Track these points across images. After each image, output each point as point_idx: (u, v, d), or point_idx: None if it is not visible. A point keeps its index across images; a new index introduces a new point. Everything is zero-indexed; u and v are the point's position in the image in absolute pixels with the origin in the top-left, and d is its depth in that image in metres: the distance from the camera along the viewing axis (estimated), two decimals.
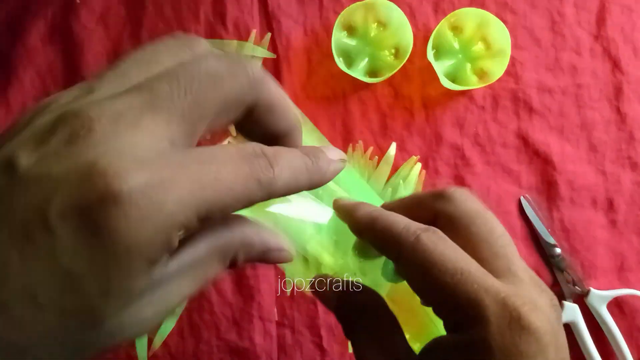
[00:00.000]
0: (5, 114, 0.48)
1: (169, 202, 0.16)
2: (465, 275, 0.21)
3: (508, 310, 0.20)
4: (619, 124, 0.48)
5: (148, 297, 0.18)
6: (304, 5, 0.50)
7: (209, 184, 0.17)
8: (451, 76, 0.48)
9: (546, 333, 0.20)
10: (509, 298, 0.20)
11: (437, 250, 0.22)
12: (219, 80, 0.18)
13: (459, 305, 0.21)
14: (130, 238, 0.15)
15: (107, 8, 0.50)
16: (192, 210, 0.16)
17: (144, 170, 0.15)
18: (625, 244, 0.47)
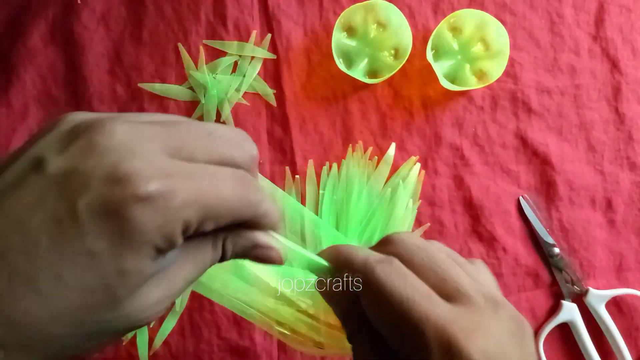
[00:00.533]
0: (6, 114, 0.48)
1: (177, 201, 0.19)
2: (410, 303, 0.22)
3: (446, 338, 0.21)
4: (617, 124, 0.49)
5: (155, 281, 0.21)
6: (304, 6, 0.50)
7: (210, 193, 0.20)
8: (450, 77, 0.48)
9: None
10: (447, 325, 0.21)
11: (388, 282, 0.23)
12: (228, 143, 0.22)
13: (405, 333, 0.22)
14: (143, 226, 0.18)
15: (108, 8, 0.50)
16: (193, 211, 0.19)
17: (160, 177, 0.19)
18: (623, 244, 0.47)
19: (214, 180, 0.20)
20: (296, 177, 0.48)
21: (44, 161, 0.19)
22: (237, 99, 0.49)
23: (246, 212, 0.22)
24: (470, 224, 0.47)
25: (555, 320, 0.45)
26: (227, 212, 0.21)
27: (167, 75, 0.49)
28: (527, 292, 0.47)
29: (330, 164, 0.48)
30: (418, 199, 0.48)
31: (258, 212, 0.22)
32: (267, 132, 0.49)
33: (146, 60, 0.49)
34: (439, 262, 0.24)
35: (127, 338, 0.45)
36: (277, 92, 0.49)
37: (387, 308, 0.23)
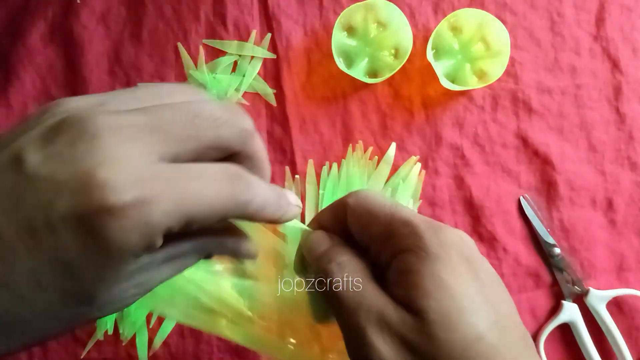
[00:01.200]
0: (6, 113, 0.48)
1: (155, 215, 0.18)
2: (398, 207, 0.26)
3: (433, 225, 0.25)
4: (618, 124, 0.49)
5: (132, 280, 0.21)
6: (304, 5, 0.50)
7: (193, 199, 0.19)
8: (451, 76, 0.48)
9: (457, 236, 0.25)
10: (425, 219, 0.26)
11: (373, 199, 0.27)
12: (217, 123, 0.21)
13: (397, 228, 0.25)
14: (121, 241, 0.18)
15: (108, 8, 0.50)
16: (175, 220, 0.19)
17: (136, 185, 0.18)
18: (624, 244, 0.47)
19: (198, 182, 0.19)
20: (296, 177, 0.48)
21: (23, 159, 0.18)
22: (237, 99, 0.49)
23: (234, 213, 0.21)
24: (471, 224, 0.47)
25: (556, 320, 0.45)
26: (212, 215, 0.20)
27: (166, 75, 0.49)
28: (527, 292, 0.46)
29: (330, 164, 0.48)
30: (418, 199, 0.48)
31: (247, 211, 0.22)
32: (267, 132, 0.49)
33: (146, 59, 0.49)
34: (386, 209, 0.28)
35: (126, 339, 0.45)
36: (277, 91, 0.49)
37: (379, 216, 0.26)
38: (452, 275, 0.23)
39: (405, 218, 0.25)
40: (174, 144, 0.20)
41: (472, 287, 0.24)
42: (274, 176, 0.48)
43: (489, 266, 0.26)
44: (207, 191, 0.20)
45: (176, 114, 0.20)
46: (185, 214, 0.19)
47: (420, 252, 0.24)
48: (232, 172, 0.21)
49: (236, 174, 0.21)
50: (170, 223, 0.19)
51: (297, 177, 0.48)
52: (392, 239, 0.25)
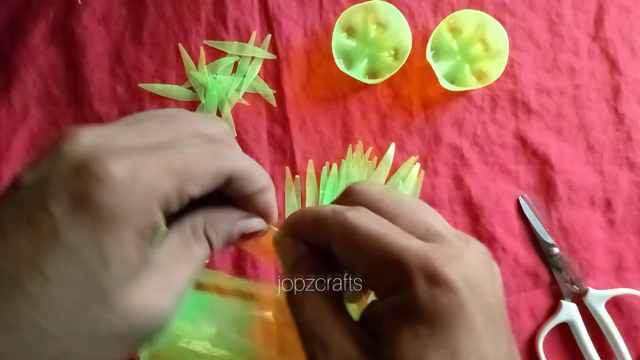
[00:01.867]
0: (7, 114, 0.48)
1: (143, 176, 0.19)
2: (388, 238, 0.22)
3: (430, 265, 0.21)
4: (616, 124, 0.49)
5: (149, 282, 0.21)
6: (304, 6, 0.50)
7: (176, 159, 0.20)
8: (450, 77, 0.48)
9: (463, 287, 0.20)
10: (429, 254, 0.21)
11: (362, 223, 0.23)
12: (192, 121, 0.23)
13: (385, 268, 0.22)
14: (114, 207, 0.19)
15: (109, 9, 0.50)
16: (167, 181, 0.20)
17: (120, 158, 0.19)
18: (623, 244, 0.47)
19: (178, 148, 0.21)
20: (296, 177, 0.48)
21: (19, 178, 0.20)
22: (237, 99, 0.49)
23: (225, 167, 0.22)
24: (470, 224, 0.47)
25: (555, 320, 0.45)
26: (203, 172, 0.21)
27: (167, 76, 0.49)
28: (526, 292, 0.47)
29: (330, 164, 0.48)
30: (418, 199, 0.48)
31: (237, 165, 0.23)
32: (267, 132, 0.49)
33: (146, 60, 0.49)
34: (405, 207, 0.24)
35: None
36: (277, 92, 0.49)
37: (364, 248, 0.22)
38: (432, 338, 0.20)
39: (396, 256, 0.21)
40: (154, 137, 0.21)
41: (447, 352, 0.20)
42: (274, 176, 0.48)
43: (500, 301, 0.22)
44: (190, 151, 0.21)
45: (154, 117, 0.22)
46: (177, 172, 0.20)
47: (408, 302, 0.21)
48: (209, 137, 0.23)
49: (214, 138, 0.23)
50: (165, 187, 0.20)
51: (297, 177, 0.48)
52: (382, 279, 0.22)
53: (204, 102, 0.48)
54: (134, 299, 0.20)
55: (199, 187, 0.21)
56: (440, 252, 0.21)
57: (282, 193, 0.48)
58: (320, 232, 0.25)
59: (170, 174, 0.20)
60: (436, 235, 0.23)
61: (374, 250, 0.22)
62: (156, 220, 0.20)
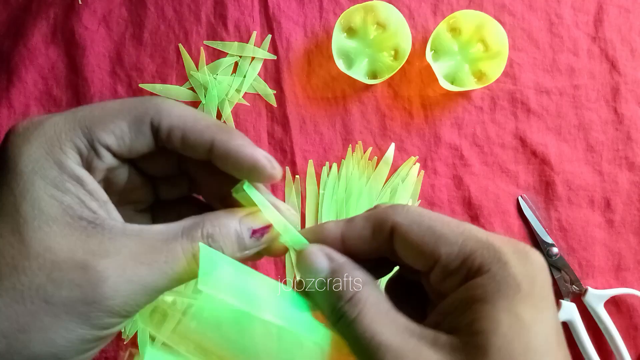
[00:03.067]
0: (7, 114, 0.48)
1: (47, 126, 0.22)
2: (468, 225, 0.23)
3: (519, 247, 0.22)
4: (616, 124, 0.49)
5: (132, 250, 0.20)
6: (304, 7, 0.50)
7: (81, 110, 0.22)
8: (450, 77, 0.48)
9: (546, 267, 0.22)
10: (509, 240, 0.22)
11: (432, 212, 0.23)
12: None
13: (473, 251, 0.21)
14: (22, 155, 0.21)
15: (109, 9, 0.50)
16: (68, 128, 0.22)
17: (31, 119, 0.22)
18: (622, 244, 0.47)
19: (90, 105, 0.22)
20: (296, 177, 0.48)
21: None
22: (237, 100, 0.49)
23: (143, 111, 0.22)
24: (470, 223, 0.47)
25: None
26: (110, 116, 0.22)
27: (168, 76, 0.49)
28: None
29: (330, 164, 0.48)
30: (417, 199, 0.48)
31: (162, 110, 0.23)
32: (267, 132, 0.49)
33: (147, 60, 0.49)
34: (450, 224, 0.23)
35: (128, 337, 0.45)
36: (278, 92, 0.49)
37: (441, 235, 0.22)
38: (533, 314, 0.20)
39: (485, 239, 0.22)
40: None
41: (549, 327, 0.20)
42: None
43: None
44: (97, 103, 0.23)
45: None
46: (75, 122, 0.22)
47: (501, 280, 0.20)
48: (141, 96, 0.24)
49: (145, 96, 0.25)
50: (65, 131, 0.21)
51: (297, 177, 0.48)
52: (465, 263, 0.22)
53: (204, 103, 0.49)
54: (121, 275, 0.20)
55: (113, 134, 0.22)
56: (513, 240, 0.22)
57: (282, 193, 0.48)
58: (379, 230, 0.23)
59: (71, 123, 0.21)
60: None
61: (456, 234, 0.22)
62: (65, 166, 0.21)
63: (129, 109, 0.22)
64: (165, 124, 0.22)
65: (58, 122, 0.21)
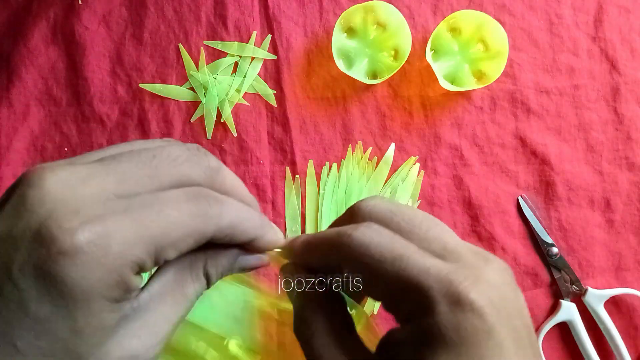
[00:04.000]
0: (7, 114, 0.48)
1: (115, 245, 0.18)
2: (404, 260, 0.20)
3: (453, 288, 0.19)
4: (616, 124, 0.49)
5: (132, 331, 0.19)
6: (304, 7, 0.50)
7: (155, 223, 0.19)
8: (450, 77, 0.48)
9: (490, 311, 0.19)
10: (451, 275, 0.19)
11: (373, 242, 0.21)
12: (177, 162, 0.21)
13: (404, 292, 0.20)
14: (84, 282, 0.17)
15: (109, 9, 0.50)
16: (140, 249, 0.18)
17: (89, 222, 0.17)
18: (622, 244, 0.47)
19: (157, 207, 0.19)
20: (296, 177, 0.48)
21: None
22: (237, 100, 0.49)
23: (208, 229, 0.20)
24: (470, 223, 0.48)
25: (554, 319, 0.45)
26: (183, 236, 0.19)
27: (168, 76, 0.49)
28: (526, 291, 0.47)
29: (330, 164, 0.48)
30: (417, 199, 0.48)
31: (221, 224, 0.21)
32: (267, 132, 0.49)
33: (147, 60, 0.49)
34: (417, 223, 0.22)
35: None
36: (278, 92, 0.49)
37: (378, 272, 0.21)
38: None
39: (415, 278, 0.20)
40: (132, 183, 0.19)
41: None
42: (275, 176, 0.48)
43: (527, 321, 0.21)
44: (171, 212, 0.19)
45: (133, 157, 0.20)
46: (152, 239, 0.18)
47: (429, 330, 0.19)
48: (193, 191, 0.20)
49: (198, 192, 0.20)
50: (137, 254, 0.18)
51: (297, 177, 0.48)
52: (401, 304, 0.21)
53: (204, 102, 0.49)
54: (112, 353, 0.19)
55: (178, 251, 0.20)
56: (462, 273, 0.20)
57: (282, 193, 0.48)
58: (329, 259, 0.23)
59: (146, 240, 0.18)
60: (453, 253, 0.21)
61: (390, 274, 0.20)
62: (129, 285, 0.19)
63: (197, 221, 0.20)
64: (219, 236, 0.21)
65: (127, 237, 0.18)
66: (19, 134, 0.48)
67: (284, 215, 0.48)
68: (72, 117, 0.49)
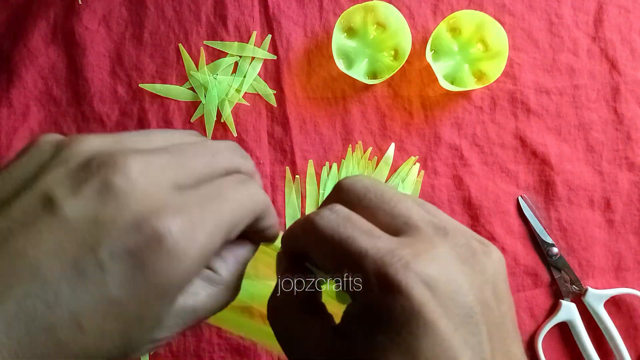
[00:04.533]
0: (7, 114, 0.48)
1: (201, 237, 0.19)
2: (349, 241, 0.21)
3: (383, 271, 0.19)
4: (616, 124, 0.49)
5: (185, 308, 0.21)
6: (304, 7, 0.50)
7: (225, 211, 0.20)
8: (450, 77, 0.48)
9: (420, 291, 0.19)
10: (386, 257, 0.20)
11: (328, 227, 0.22)
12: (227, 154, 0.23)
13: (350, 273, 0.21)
14: (171, 272, 0.18)
15: (109, 9, 0.50)
16: (220, 237, 0.20)
17: (177, 215, 0.18)
18: (622, 244, 0.47)
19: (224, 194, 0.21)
20: (296, 177, 0.48)
21: (56, 202, 0.18)
22: (237, 100, 0.49)
23: (257, 209, 0.23)
24: (470, 223, 0.48)
25: (554, 319, 0.45)
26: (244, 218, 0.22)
27: (168, 76, 0.49)
28: (526, 291, 0.47)
29: (330, 164, 0.48)
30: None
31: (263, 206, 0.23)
32: (267, 132, 0.49)
33: (147, 60, 0.49)
34: (387, 199, 0.23)
35: None
36: (278, 92, 0.49)
37: (330, 254, 0.22)
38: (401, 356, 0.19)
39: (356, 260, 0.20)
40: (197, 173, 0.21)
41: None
42: (275, 176, 0.48)
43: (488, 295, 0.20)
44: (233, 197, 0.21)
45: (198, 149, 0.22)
46: (224, 227, 0.20)
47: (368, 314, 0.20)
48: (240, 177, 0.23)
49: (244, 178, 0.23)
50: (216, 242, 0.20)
51: (297, 177, 0.48)
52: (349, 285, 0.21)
53: (204, 103, 0.49)
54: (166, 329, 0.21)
55: (239, 232, 0.22)
56: (403, 250, 0.20)
57: (282, 193, 0.48)
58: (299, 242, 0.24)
59: (222, 229, 0.20)
60: (412, 228, 0.22)
61: (339, 256, 0.21)
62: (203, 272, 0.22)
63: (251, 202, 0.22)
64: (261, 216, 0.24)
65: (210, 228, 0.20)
66: (19, 134, 0.48)
67: (284, 215, 0.48)
68: (72, 117, 0.49)
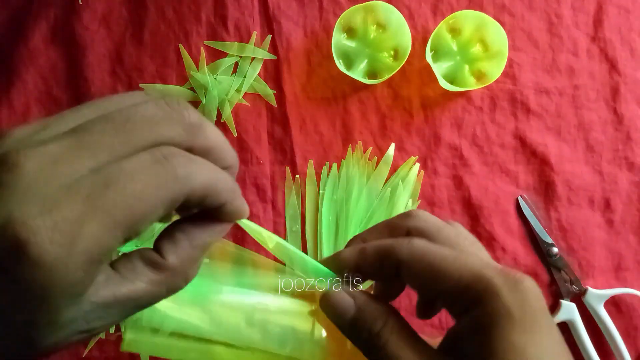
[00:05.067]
0: (7, 114, 0.49)
1: (82, 240, 0.16)
2: (464, 258, 0.24)
3: (510, 277, 0.23)
4: (615, 124, 0.49)
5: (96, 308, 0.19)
6: (304, 7, 0.50)
7: (117, 206, 0.17)
8: (449, 77, 0.48)
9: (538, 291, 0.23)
10: (504, 269, 0.23)
11: (432, 247, 0.25)
12: (153, 122, 0.19)
13: (468, 284, 0.23)
14: (45, 280, 0.16)
15: (109, 9, 0.50)
16: (107, 239, 0.17)
17: (52, 214, 0.16)
18: (622, 244, 0.47)
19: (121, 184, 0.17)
20: (296, 177, 0.48)
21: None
22: (237, 100, 0.49)
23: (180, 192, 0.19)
24: (470, 223, 0.48)
25: (554, 319, 0.45)
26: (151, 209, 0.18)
27: (168, 76, 0.49)
28: None
29: (330, 164, 0.48)
30: (417, 199, 0.48)
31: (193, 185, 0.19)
32: (267, 133, 0.49)
33: (147, 61, 0.49)
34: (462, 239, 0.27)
35: None
36: (278, 92, 0.49)
37: (440, 269, 0.24)
38: (526, 338, 0.21)
39: (478, 272, 0.23)
40: (106, 154, 0.18)
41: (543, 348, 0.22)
42: (275, 176, 0.48)
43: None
44: (132, 188, 0.18)
45: (107, 123, 0.18)
46: (115, 226, 0.17)
47: (493, 311, 0.22)
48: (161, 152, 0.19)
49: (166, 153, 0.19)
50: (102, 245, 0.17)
51: (297, 177, 0.48)
52: (462, 296, 0.23)
53: (204, 103, 0.49)
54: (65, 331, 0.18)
55: (149, 223, 0.19)
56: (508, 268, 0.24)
57: (282, 193, 0.48)
58: (387, 263, 0.25)
59: (111, 228, 0.17)
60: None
61: (451, 269, 0.23)
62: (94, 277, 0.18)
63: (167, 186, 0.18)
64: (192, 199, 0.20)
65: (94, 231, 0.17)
66: None
67: (284, 215, 0.48)
68: None
